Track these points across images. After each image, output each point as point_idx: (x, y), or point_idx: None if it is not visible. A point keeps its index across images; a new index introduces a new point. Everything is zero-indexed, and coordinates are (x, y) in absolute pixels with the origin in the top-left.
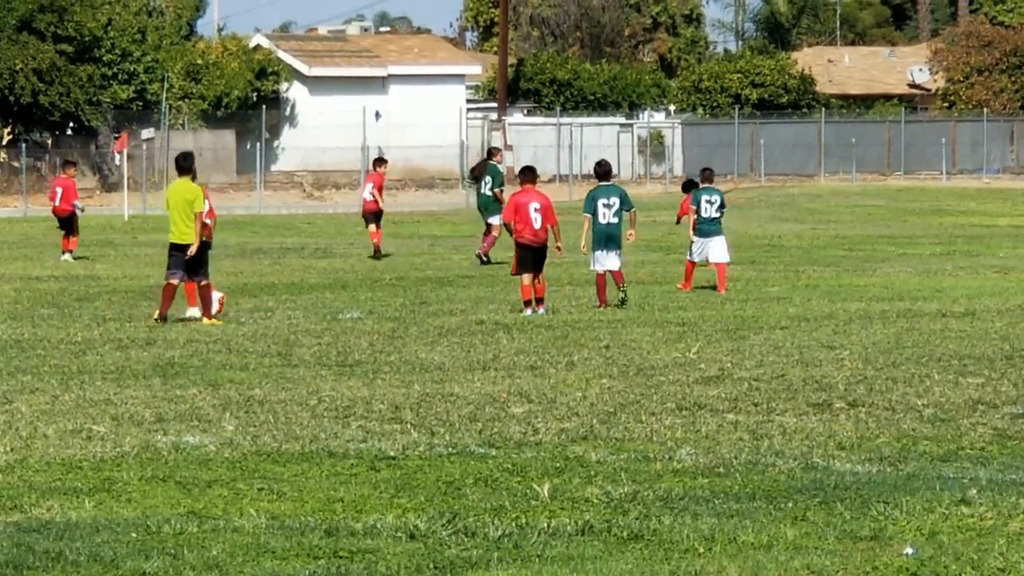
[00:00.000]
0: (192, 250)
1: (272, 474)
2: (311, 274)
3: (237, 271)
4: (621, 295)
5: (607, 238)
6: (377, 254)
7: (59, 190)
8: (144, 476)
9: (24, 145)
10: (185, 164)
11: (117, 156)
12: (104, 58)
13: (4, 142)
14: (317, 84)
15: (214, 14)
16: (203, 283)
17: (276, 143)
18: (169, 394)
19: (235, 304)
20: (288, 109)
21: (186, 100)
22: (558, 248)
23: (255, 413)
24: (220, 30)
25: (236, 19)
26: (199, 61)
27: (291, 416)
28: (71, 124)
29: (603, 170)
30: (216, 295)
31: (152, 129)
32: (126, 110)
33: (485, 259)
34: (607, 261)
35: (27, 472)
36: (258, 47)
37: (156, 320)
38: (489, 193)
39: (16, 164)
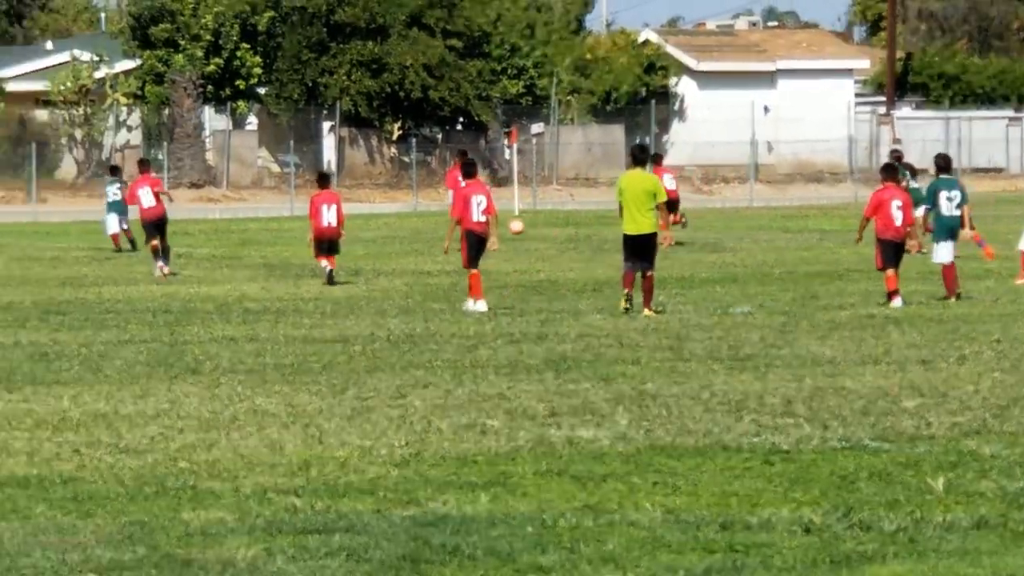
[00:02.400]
0: (664, 240)
1: (666, 468)
2: (701, 268)
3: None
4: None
5: (950, 230)
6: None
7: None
8: (539, 470)
9: (414, 140)
10: (641, 155)
11: (508, 151)
12: (493, 53)
13: (394, 137)
14: (706, 79)
15: (602, 9)
16: (648, 273)
17: (665, 137)
18: (562, 388)
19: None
20: (677, 103)
21: (575, 95)
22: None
23: (648, 407)
24: (609, 25)
25: (624, 14)
26: (588, 56)
27: (684, 410)
28: (461, 119)
29: (945, 163)
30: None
31: (541, 124)
32: (515, 105)
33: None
34: (950, 253)
35: (422, 466)
36: (647, 42)
37: (624, 307)
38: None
39: (406, 159)
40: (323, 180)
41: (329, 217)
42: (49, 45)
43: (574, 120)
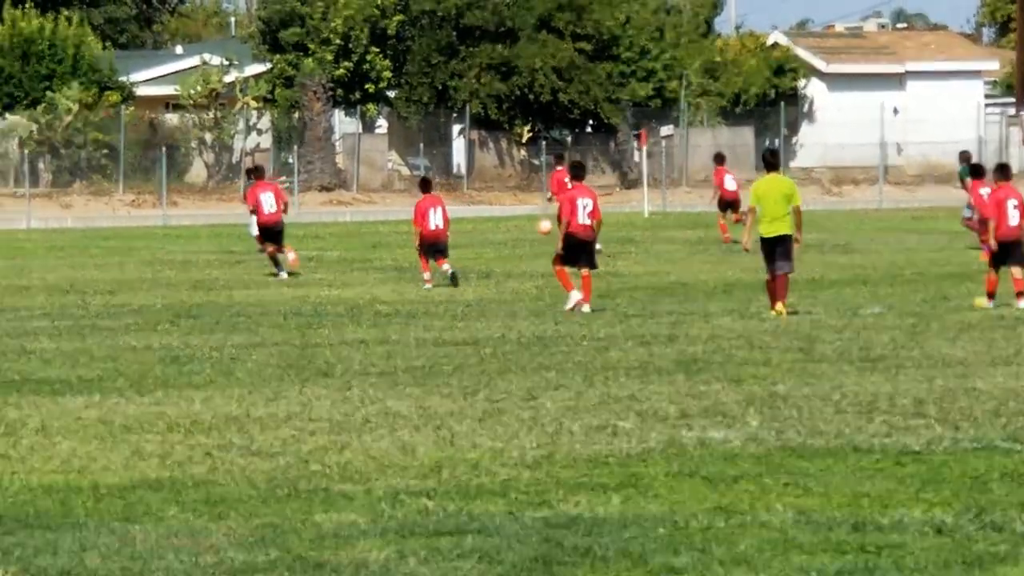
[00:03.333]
0: (797, 244)
1: (797, 469)
2: (831, 270)
3: (754, 266)
4: None
5: None
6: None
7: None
8: (670, 471)
9: (544, 143)
10: (773, 160)
11: (637, 153)
12: (623, 56)
13: (524, 140)
14: (835, 81)
15: (731, 11)
16: (783, 273)
17: (795, 139)
18: (692, 390)
19: (751, 300)
20: (806, 106)
21: (704, 97)
22: None
23: (779, 408)
24: (738, 28)
25: (753, 16)
26: (717, 58)
27: (815, 411)
28: (590, 122)
29: None
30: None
31: (671, 126)
32: (645, 107)
33: None
34: None
35: (554, 468)
36: (776, 44)
37: (776, 313)
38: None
39: (536, 162)
40: (426, 185)
41: (436, 220)
42: (179, 49)
43: (703, 122)
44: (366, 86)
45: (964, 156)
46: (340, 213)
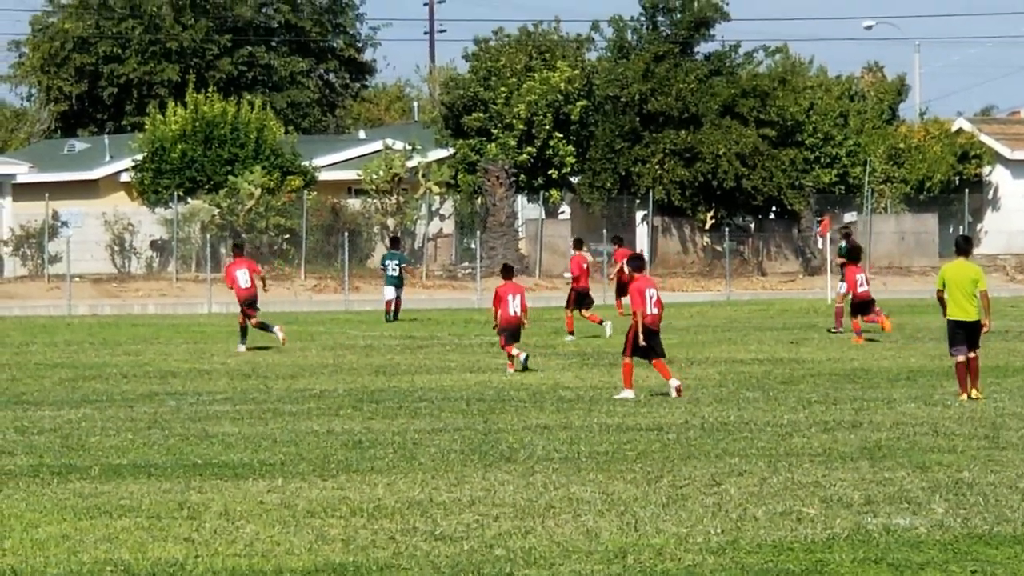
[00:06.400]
0: (985, 328)
1: (984, 556)
2: (1016, 357)
3: (938, 353)
4: None
5: None
6: None
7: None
8: (856, 558)
9: (727, 229)
10: (965, 246)
11: (820, 240)
12: (807, 142)
13: (707, 226)
14: (1020, 167)
15: (915, 98)
16: (973, 356)
17: (979, 226)
18: (877, 476)
19: (935, 386)
20: (991, 193)
21: (888, 184)
22: None
23: (964, 495)
24: (922, 114)
25: (938, 103)
26: (901, 145)
27: (1001, 498)
28: (773, 208)
29: None
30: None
31: (854, 213)
32: (828, 194)
33: None
34: None
35: (738, 554)
36: (960, 130)
37: (968, 398)
38: None
39: (719, 248)
40: (507, 272)
41: (515, 306)
42: (362, 134)
43: (887, 209)
44: (549, 171)
45: (844, 232)
46: None
